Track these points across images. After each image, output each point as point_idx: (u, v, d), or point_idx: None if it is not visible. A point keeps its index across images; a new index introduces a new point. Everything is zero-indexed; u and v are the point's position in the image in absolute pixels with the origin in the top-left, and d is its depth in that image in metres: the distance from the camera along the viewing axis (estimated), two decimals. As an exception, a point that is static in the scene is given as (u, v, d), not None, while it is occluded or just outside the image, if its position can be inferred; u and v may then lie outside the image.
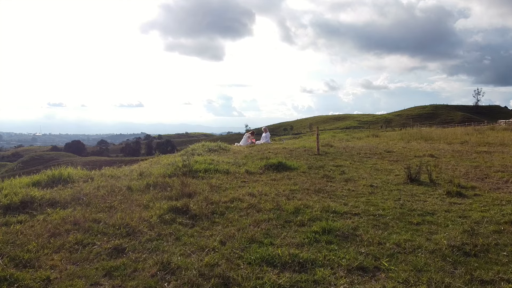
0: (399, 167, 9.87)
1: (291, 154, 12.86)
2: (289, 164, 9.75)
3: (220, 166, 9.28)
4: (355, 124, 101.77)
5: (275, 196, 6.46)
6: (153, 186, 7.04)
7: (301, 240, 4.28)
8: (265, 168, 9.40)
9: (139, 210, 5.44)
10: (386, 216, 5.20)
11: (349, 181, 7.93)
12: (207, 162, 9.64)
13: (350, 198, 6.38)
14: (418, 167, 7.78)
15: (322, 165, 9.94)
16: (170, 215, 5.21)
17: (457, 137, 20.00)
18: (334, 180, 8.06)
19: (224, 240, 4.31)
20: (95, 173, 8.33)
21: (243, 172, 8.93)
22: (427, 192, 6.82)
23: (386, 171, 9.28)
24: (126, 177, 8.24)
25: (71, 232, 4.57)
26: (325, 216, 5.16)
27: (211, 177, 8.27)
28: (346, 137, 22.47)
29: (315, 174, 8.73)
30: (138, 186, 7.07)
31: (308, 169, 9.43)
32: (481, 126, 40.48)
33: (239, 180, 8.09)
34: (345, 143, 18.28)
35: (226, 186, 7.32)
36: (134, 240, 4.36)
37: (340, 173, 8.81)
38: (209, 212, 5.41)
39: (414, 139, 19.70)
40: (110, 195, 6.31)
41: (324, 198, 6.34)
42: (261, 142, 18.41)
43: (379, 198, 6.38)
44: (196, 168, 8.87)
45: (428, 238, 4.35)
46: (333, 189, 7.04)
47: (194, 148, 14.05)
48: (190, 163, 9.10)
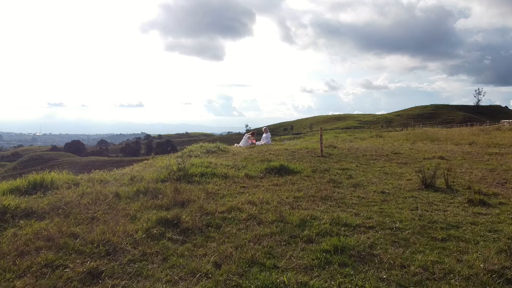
0: (409, 170, 9.23)
1: (293, 155, 12.22)
2: (291, 167, 9.11)
3: (218, 170, 8.64)
4: (355, 124, 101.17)
5: (278, 204, 5.83)
6: (143, 193, 6.41)
7: (310, 262, 3.64)
8: (266, 172, 8.77)
9: (124, 222, 4.80)
10: (405, 230, 4.55)
11: (357, 186, 7.29)
12: (204, 165, 9.00)
13: (361, 207, 5.74)
14: (433, 171, 7.13)
15: (327, 168, 9.29)
16: (158, 228, 4.57)
17: (464, 137, 19.36)
18: (342, 185, 7.42)
19: (220, 261, 3.67)
20: (82, 178, 7.69)
21: (242, 176, 8.29)
22: (445, 199, 6.17)
23: (396, 175, 8.63)
24: (116, 182, 7.60)
25: (42, 251, 3.93)
26: (336, 230, 4.52)
27: (208, 182, 7.64)
28: (349, 137, 21.82)
29: (320, 179, 8.09)
30: (127, 192, 6.43)
31: (312, 173, 8.80)
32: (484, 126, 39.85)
33: (238, 185, 7.45)
34: (349, 144, 17.64)
35: (223, 193, 6.69)
36: (113, 261, 3.71)
37: (347, 178, 8.17)
38: (204, 224, 4.77)
39: (419, 140, 19.06)
40: (95, 204, 5.67)
41: (332, 207, 5.70)
42: (261, 143, 17.78)
43: (393, 207, 5.74)
44: (192, 172, 8.23)
45: (458, 259, 3.71)
46: (341, 196, 6.39)
47: (191, 150, 13.40)
48: (186, 166, 8.46)
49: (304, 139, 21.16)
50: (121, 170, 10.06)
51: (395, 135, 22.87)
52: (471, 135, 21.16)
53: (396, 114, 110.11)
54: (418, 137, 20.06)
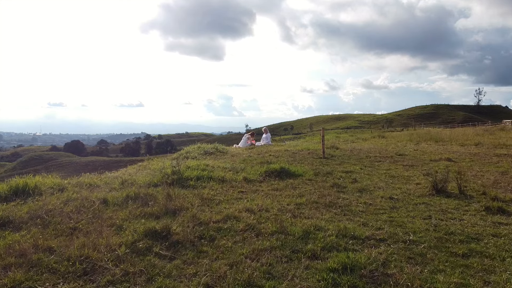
0: (416, 173, 8.76)
1: (294, 157, 11.76)
2: (292, 170, 8.64)
3: (215, 173, 8.17)
4: (356, 124, 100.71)
5: (278, 212, 5.36)
6: (133, 199, 5.94)
7: (315, 284, 3.17)
8: (266, 175, 8.30)
9: (109, 233, 4.33)
10: (420, 243, 4.08)
11: (363, 191, 6.82)
12: (201, 168, 8.53)
13: (369, 215, 5.27)
14: (445, 175, 6.65)
15: (329, 171, 8.82)
16: (145, 241, 4.10)
17: (469, 138, 18.88)
18: (346, 190, 6.95)
19: (212, 283, 3.21)
20: (69, 182, 7.22)
21: (240, 179, 7.82)
22: (459, 207, 5.70)
23: (403, 178, 8.16)
24: (106, 187, 7.14)
25: (11, 269, 3.46)
26: (343, 243, 4.05)
27: (204, 186, 7.17)
28: (350, 138, 21.34)
29: (323, 183, 7.61)
30: (115, 198, 5.96)
31: (314, 176, 8.33)
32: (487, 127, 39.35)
33: (235, 190, 6.98)
34: (351, 144, 17.16)
35: (220, 199, 6.22)
36: (90, 282, 3.25)
37: (351, 181, 7.69)
38: (196, 236, 4.30)
39: (423, 140, 18.58)
40: (78, 212, 5.20)
41: (338, 216, 5.23)
42: (261, 143, 17.31)
43: (404, 215, 5.27)
44: (187, 175, 7.77)
45: (485, 281, 3.25)
46: (347, 203, 5.92)
47: (188, 151, 12.94)
48: (181, 169, 7.99)
49: (305, 140, 20.70)
50: (114, 172, 9.60)
51: (397, 136, 22.38)
52: (475, 135, 20.69)
53: (397, 114, 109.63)
54: (422, 137, 19.58)
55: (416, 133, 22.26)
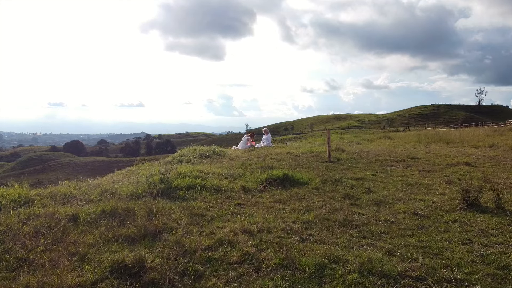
0: (436, 180, 7.79)
1: (297, 161, 10.79)
2: (297, 177, 7.67)
3: (209, 181, 7.20)
4: (356, 124, 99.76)
5: (283, 233, 4.39)
6: (109, 216, 4.98)
7: None
8: (267, 183, 7.33)
9: (66, 267, 3.37)
10: (472, 285, 3.11)
11: (381, 204, 5.84)
12: (193, 175, 7.56)
13: (394, 238, 4.30)
14: (479, 187, 5.67)
15: (338, 178, 7.84)
16: (110, 281, 3.13)
17: (480, 139, 17.89)
18: (360, 202, 5.97)
19: None
20: (39, 193, 6.24)
21: (238, 189, 6.86)
22: (502, 226, 4.72)
23: (423, 187, 7.18)
24: (82, 198, 6.18)
25: None
26: (368, 283, 3.08)
27: (195, 197, 6.20)
28: (355, 139, 20.36)
29: (333, 193, 6.64)
30: (88, 215, 5.00)
31: (322, 184, 7.35)
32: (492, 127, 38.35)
33: (232, 202, 6.02)
34: (357, 146, 16.19)
35: (213, 214, 5.25)
36: None
37: (365, 191, 6.72)
38: (177, 273, 3.33)
39: (433, 142, 17.58)
40: (37, 235, 4.24)
41: (356, 239, 4.26)
42: (261, 145, 16.35)
43: (436, 237, 4.30)
44: (177, 184, 6.79)
45: None
46: (364, 221, 4.94)
47: (183, 154, 11.98)
48: (170, 177, 7.02)
49: (307, 141, 19.72)
50: (98, 179, 8.64)
51: (404, 136, 21.39)
52: (486, 136, 19.71)
53: (398, 114, 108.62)
54: (431, 138, 18.58)
55: (424, 134, 21.28)
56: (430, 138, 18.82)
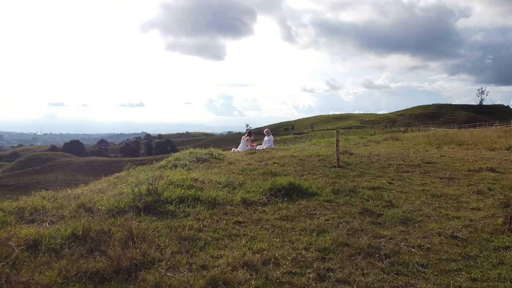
0: (463, 189, 6.84)
1: (302, 165, 9.84)
2: (305, 187, 6.72)
3: (205, 192, 6.25)
4: (357, 124, 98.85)
5: (294, 267, 3.45)
6: (79, 240, 4.04)
7: None
8: (271, 194, 6.38)
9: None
10: None
11: (408, 223, 4.89)
12: (186, 185, 6.61)
13: (438, 275, 3.35)
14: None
15: (352, 188, 6.88)
16: None
17: (493, 140, 16.94)
18: (383, 220, 5.02)
19: None
20: (4, 209, 5.29)
21: (238, 201, 5.91)
22: None
23: (451, 199, 6.23)
24: (55, 213, 5.26)
25: None
26: None
27: (187, 213, 5.27)
28: (361, 140, 19.39)
29: (348, 206, 5.69)
30: (53, 239, 4.06)
31: (333, 195, 6.41)
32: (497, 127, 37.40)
33: (230, 219, 5.08)
34: (364, 148, 15.24)
35: (206, 238, 4.31)
36: None
37: (385, 205, 5.77)
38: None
39: (444, 144, 16.62)
40: (-21, 271, 3.29)
41: (389, 276, 3.31)
42: (263, 147, 15.41)
43: (492, 274, 3.35)
44: (167, 196, 5.85)
45: None
46: (394, 248, 3.99)
47: (178, 157, 11.03)
48: (158, 188, 6.07)
49: (311, 142, 18.76)
50: (81, 187, 7.71)
51: (412, 138, 20.42)
52: (498, 137, 18.73)
53: (399, 114, 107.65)
54: (441, 140, 17.61)
55: (433, 135, 20.30)
56: (440, 139, 17.85)
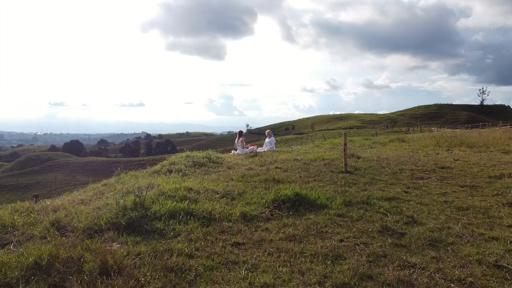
0: (491, 201, 6.07)
1: (307, 171, 9.10)
2: (312, 198, 5.97)
3: (199, 205, 5.49)
4: (358, 124, 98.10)
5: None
6: (41, 272, 3.30)
7: None
8: (275, 206, 5.64)
9: None
10: None
11: (439, 246, 4.13)
12: (179, 196, 5.85)
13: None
14: None
15: (364, 199, 6.12)
16: None
17: (505, 142, 16.16)
18: (408, 241, 4.27)
19: None
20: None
21: (237, 216, 5.16)
22: None
23: (480, 213, 5.46)
24: (25, 231, 4.52)
25: None
26: None
27: (178, 232, 4.52)
28: (366, 142, 18.61)
29: (364, 222, 4.94)
30: (10, 269, 3.32)
31: (345, 208, 5.65)
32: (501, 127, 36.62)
33: (228, 240, 4.33)
34: (371, 151, 14.48)
35: (198, 268, 3.56)
36: None
37: (407, 221, 5.00)
38: None
39: (453, 146, 15.84)
40: None
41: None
42: (264, 149, 14.67)
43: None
44: (156, 210, 5.10)
45: None
46: (429, 283, 3.23)
47: (173, 162, 10.29)
48: (146, 200, 5.32)
49: (314, 144, 17.98)
50: (63, 196, 6.98)
51: (419, 139, 19.63)
52: (509, 139, 17.97)
53: (399, 114, 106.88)
54: (450, 142, 16.84)
55: (441, 136, 19.51)
56: (449, 141, 17.08)
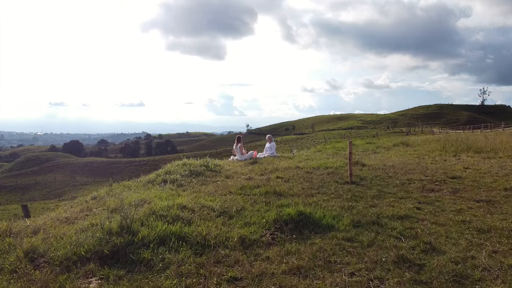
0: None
1: (311, 181, 8.60)
2: (317, 217, 5.46)
3: (193, 227, 4.97)
4: (358, 124, 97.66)
5: None
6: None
7: None
8: (276, 228, 5.12)
9: None
10: None
11: (465, 284, 3.58)
12: (171, 215, 5.32)
13: None
14: None
15: (374, 219, 5.58)
16: None
17: (514, 147, 15.63)
18: (428, 276, 3.73)
19: None
20: None
21: (234, 241, 4.64)
22: None
23: (503, 235, 4.92)
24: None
25: None
26: None
27: (167, 263, 3.99)
28: (370, 146, 18.07)
29: (376, 249, 4.41)
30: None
31: (354, 230, 5.13)
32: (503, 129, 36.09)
33: (223, 274, 3.80)
34: (375, 157, 13.95)
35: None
36: None
37: (424, 248, 4.47)
38: None
39: (460, 151, 15.31)
40: None
41: None
42: (264, 155, 14.16)
43: None
44: (144, 235, 4.57)
45: None
46: None
47: (169, 170, 9.76)
48: (135, 221, 4.79)
49: (316, 149, 17.44)
50: (46, 215, 6.47)
51: (423, 143, 19.10)
52: (517, 143, 17.43)
53: (400, 114, 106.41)
54: (457, 146, 16.29)
55: (446, 139, 18.97)
56: (455, 146, 16.54)
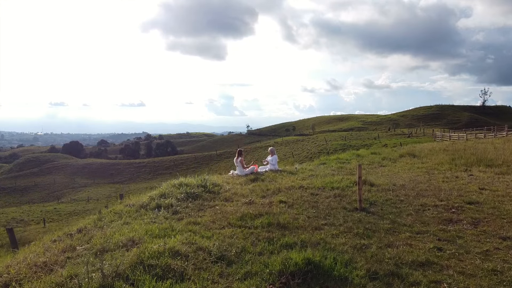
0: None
1: (316, 207, 7.96)
2: (327, 266, 4.80)
3: (185, 284, 4.30)
4: (359, 125, 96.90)
5: None
6: None
7: None
8: (281, 283, 4.46)
9: None
10: None
11: None
12: (161, 265, 4.65)
13: None
14: None
15: (393, 268, 4.92)
16: None
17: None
18: None
19: None
20: None
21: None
22: None
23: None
24: None
25: None
26: None
27: None
28: (375, 158, 17.35)
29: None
30: None
31: (370, 283, 4.48)
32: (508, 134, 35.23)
33: None
34: (383, 172, 13.27)
35: None
36: None
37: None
38: None
39: (471, 164, 14.61)
40: None
41: None
42: (265, 169, 13.52)
43: None
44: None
45: None
46: None
47: (165, 193, 9.07)
48: (114, 283, 4.13)
49: (320, 161, 16.73)
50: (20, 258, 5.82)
51: (430, 153, 18.34)
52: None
53: (401, 115, 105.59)
54: (467, 159, 15.55)
55: (457, 150, 18.25)
56: (465, 158, 15.83)
